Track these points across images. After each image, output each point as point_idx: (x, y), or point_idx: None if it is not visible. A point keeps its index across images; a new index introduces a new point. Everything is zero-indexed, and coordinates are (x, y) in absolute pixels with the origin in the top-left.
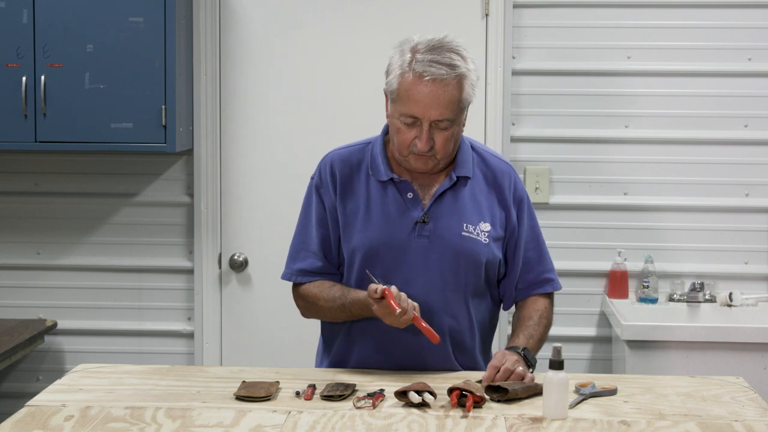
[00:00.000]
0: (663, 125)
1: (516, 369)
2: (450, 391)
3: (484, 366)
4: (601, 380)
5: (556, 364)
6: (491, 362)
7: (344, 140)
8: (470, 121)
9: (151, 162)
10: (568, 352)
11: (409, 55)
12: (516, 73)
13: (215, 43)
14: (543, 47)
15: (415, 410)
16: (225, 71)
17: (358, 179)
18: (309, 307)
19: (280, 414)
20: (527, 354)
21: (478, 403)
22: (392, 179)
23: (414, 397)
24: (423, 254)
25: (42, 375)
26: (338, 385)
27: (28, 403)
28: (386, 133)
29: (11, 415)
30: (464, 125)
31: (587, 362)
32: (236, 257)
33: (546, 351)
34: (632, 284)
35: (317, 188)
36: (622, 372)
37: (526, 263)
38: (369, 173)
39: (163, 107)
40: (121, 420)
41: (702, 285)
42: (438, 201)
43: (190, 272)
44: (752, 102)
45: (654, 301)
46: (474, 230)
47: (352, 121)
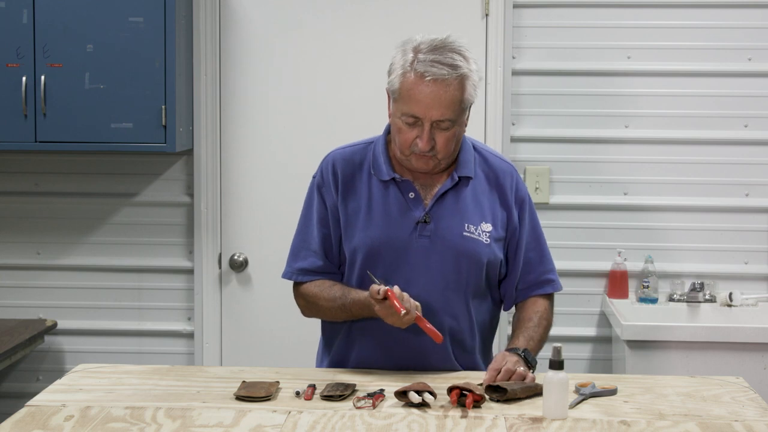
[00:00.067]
0: (663, 125)
1: (517, 369)
2: (450, 390)
3: (484, 366)
4: (601, 380)
5: (556, 364)
6: (491, 365)
7: (344, 140)
8: (470, 121)
9: (151, 162)
10: (568, 352)
11: (411, 55)
12: (516, 73)
13: (215, 43)
14: (543, 47)
15: (415, 410)
16: (225, 71)
17: (360, 179)
18: (309, 307)
19: (280, 414)
20: (527, 355)
21: (478, 402)
22: (394, 179)
23: (414, 397)
24: (424, 254)
25: (42, 375)
26: (338, 385)
27: (28, 403)
28: (388, 133)
29: (11, 415)
30: (466, 125)
31: (587, 362)
32: (236, 257)
33: (546, 351)
34: (632, 284)
35: (319, 187)
36: (622, 372)
37: (527, 264)
38: (371, 173)
39: (163, 107)
40: (121, 420)
41: (702, 285)
42: (439, 201)
43: (190, 272)
44: (752, 102)
45: (654, 301)
46: (475, 230)
47: (352, 121)
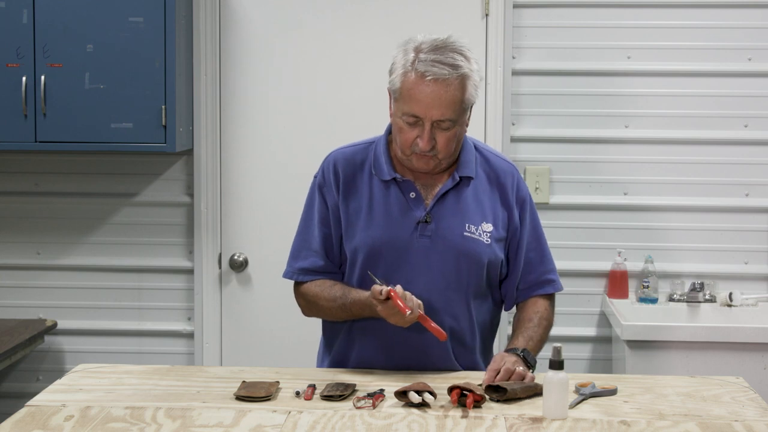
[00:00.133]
0: (663, 125)
1: (516, 369)
2: (450, 390)
3: (485, 366)
4: (601, 380)
5: (556, 364)
6: (490, 365)
7: (344, 140)
8: (471, 121)
9: (151, 162)
10: (568, 352)
11: (413, 55)
12: (516, 73)
13: (215, 43)
14: (543, 47)
15: (415, 410)
16: (225, 71)
17: (361, 178)
18: (310, 306)
19: (280, 414)
20: (526, 355)
21: (478, 402)
22: (395, 179)
23: (414, 397)
24: (425, 254)
25: (42, 375)
26: (338, 385)
27: (28, 403)
28: (390, 133)
29: (11, 415)
30: (467, 125)
31: (587, 362)
32: (236, 257)
33: (546, 351)
34: (632, 284)
35: (320, 187)
36: (622, 372)
37: (528, 264)
38: (372, 172)
39: (163, 107)
40: (121, 420)
41: (702, 285)
42: (440, 201)
43: (190, 272)
44: (752, 102)
45: (654, 301)
46: (476, 230)
47: (353, 121)
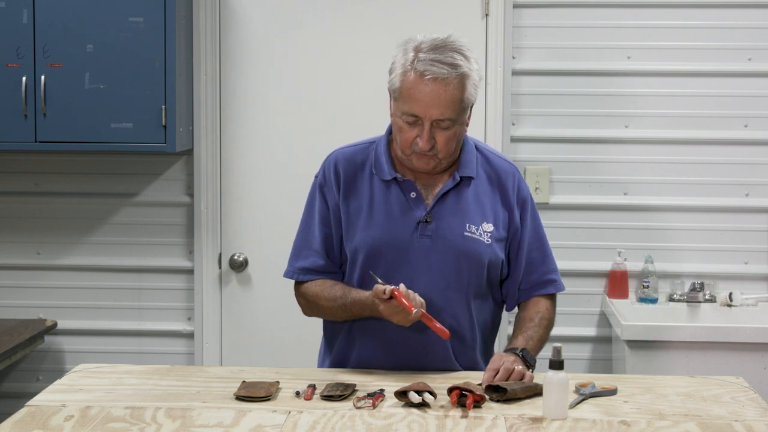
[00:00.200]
0: (663, 125)
1: (515, 368)
2: (450, 391)
3: (484, 367)
4: (601, 380)
5: (556, 364)
6: (489, 365)
7: (344, 140)
8: (471, 121)
9: (151, 162)
10: (568, 352)
11: (412, 54)
12: (516, 73)
13: (215, 43)
14: (543, 47)
15: (415, 410)
16: (225, 71)
17: (362, 178)
18: (310, 306)
19: (280, 414)
20: (525, 354)
21: (478, 403)
22: (396, 179)
23: (414, 397)
24: (425, 254)
25: (42, 375)
26: (338, 385)
27: (28, 403)
28: (390, 133)
29: (11, 415)
30: (468, 125)
31: (587, 362)
32: (236, 257)
33: (546, 351)
34: (632, 284)
35: (321, 187)
36: (622, 372)
37: (529, 264)
38: (373, 172)
39: (163, 107)
40: (121, 420)
41: (702, 285)
42: (441, 201)
43: (190, 272)
44: (752, 102)
45: (654, 301)
46: (476, 230)
47: (353, 121)
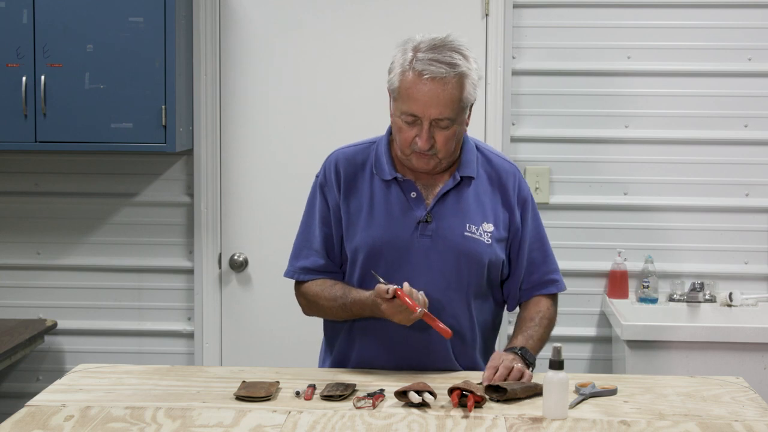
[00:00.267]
0: (663, 125)
1: (514, 366)
2: (450, 391)
3: (484, 367)
4: (601, 380)
5: (556, 364)
6: (488, 363)
7: (344, 140)
8: (470, 121)
9: (151, 162)
10: (568, 352)
11: (411, 54)
12: (516, 73)
13: (215, 43)
14: (543, 47)
15: (415, 410)
16: (225, 71)
17: (363, 178)
18: (310, 306)
19: (280, 414)
20: (524, 353)
21: (479, 403)
22: (396, 178)
23: (414, 397)
24: (425, 254)
25: (42, 375)
26: (338, 385)
27: (28, 403)
28: (391, 133)
29: (11, 415)
30: (467, 125)
31: (587, 362)
32: (236, 257)
33: (546, 351)
34: (632, 284)
35: (321, 187)
36: (622, 372)
37: (531, 264)
38: (373, 172)
39: (163, 107)
40: (121, 420)
41: (702, 285)
42: (441, 201)
43: (190, 272)
44: (752, 102)
45: (654, 301)
46: (477, 231)
47: (353, 121)
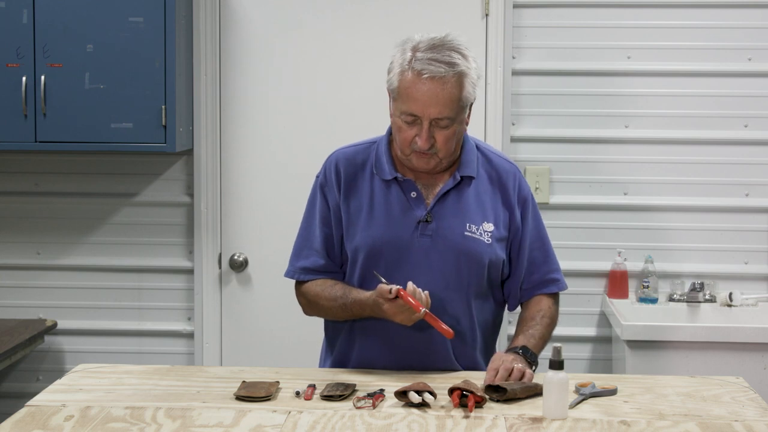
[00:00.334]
0: (663, 125)
1: (515, 366)
2: (450, 392)
3: (485, 367)
4: (601, 380)
5: (556, 364)
6: (489, 365)
7: (345, 140)
8: (470, 121)
9: (151, 162)
10: (568, 352)
11: (410, 54)
12: (516, 73)
13: (215, 43)
14: (543, 47)
15: (415, 410)
16: (225, 71)
17: (363, 178)
18: (311, 306)
19: (280, 414)
20: (525, 352)
21: (479, 403)
22: (396, 178)
23: (414, 397)
24: (425, 253)
25: (42, 375)
26: (338, 385)
27: (28, 403)
28: (391, 133)
29: (11, 415)
30: (467, 124)
31: (587, 362)
32: (236, 257)
33: (546, 351)
34: (632, 284)
35: (321, 187)
36: (622, 372)
37: (532, 263)
38: (373, 172)
39: (163, 107)
40: (121, 420)
41: (702, 285)
42: (441, 200)
43: (190, 272)
44: (752, 102)
45: (654, 301)
46: (477, 230)
47: (353, 121)
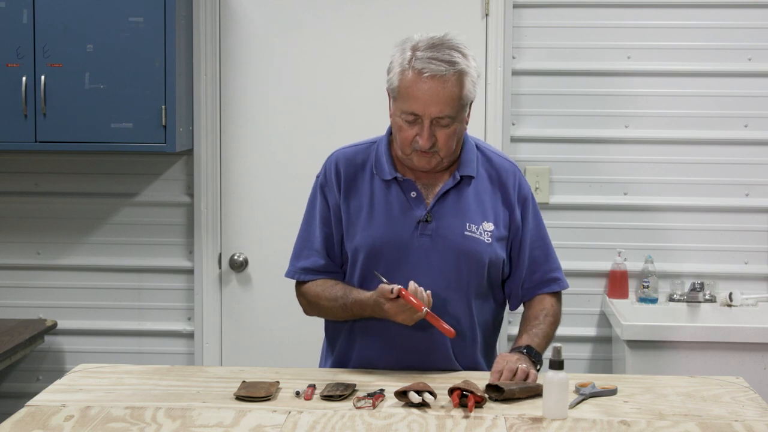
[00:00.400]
0: (663, 125)
1: (519, 367)
2: (450, 392)
3: (485, 366)
4: (601, 380)
5: (556, 364)
6: (493, 367)
7: (344, 140)
8: (470, 121)
9: (151, 162)
10: (568, 352)
11: (410, 53)
12: (516, 73)
13: (215, 43)
14: (543, 47)
15: (415, 410)
16: (225, 71)
17: (363, 178)
18: (311, 306)
19: (280, 414)
20: (530, 352)
21: (479, 403)
22: (396, 178)
23: (414, 397)
24: (425, 253)
25: (42, 375)
26: (338, 385)
27: (28, 403)
28: (391, 133)
29: (11, 415)
30: (467, 123)
31: (587, 362)
32: (236, 257)
33: (546, 351)
34: (632, 284)
35: (322, 187)
36: (622, 372)
37: (533, 262)
38: (373, 172)
39: (163, 107)
40: (121, 420)
41: (702, 285)
42: (441, 200)
43: (190, 272)
44: (752, 102)
45: (654, 301)
46: (477, 230)
47: (353, 121)
